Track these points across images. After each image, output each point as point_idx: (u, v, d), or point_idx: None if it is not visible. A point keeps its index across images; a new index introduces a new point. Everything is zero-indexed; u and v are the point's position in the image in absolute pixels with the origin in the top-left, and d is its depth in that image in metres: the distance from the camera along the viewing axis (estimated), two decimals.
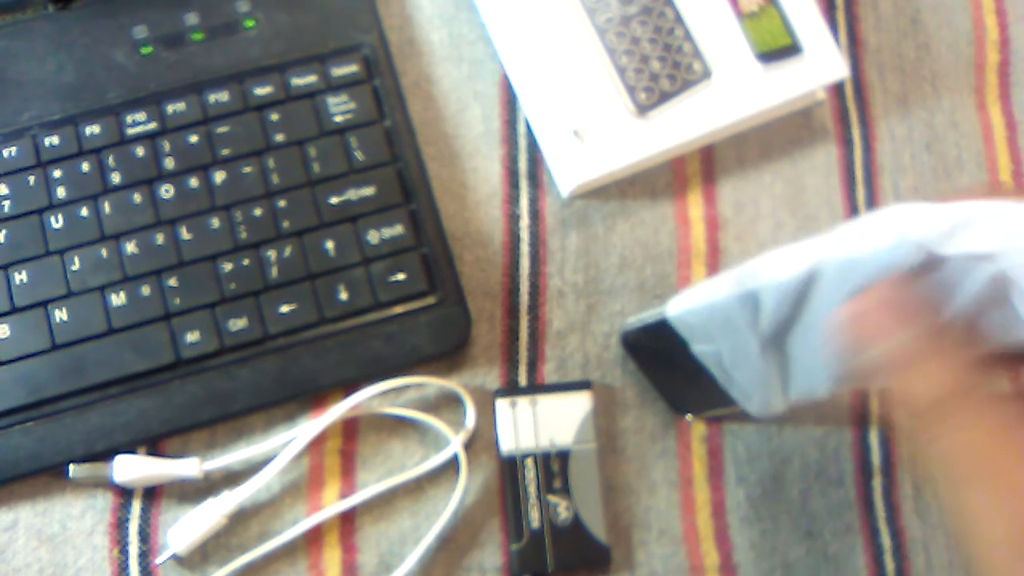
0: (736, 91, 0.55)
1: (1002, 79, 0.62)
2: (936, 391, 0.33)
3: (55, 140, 0.52)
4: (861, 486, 0.54)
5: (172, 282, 0.51)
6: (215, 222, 0.52)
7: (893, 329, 0.33)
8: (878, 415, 0.55)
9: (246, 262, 0.51)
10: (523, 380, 0.53)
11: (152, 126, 0.53)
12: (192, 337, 0.50)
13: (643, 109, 0.54)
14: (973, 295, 0.33)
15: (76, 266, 0.51)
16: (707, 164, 0.58)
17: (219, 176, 0.52)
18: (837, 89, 0.60)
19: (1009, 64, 0.62)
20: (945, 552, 0.53)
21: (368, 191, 0.53)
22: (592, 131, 0.54)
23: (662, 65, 0.55)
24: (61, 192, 0.52)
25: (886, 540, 0.53)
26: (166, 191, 0.52)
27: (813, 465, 0.54)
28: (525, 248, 0.55)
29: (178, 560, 0.49)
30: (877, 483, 0.54)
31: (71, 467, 0.49)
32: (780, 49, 0.55)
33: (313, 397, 0.52)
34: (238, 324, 0.51)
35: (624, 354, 0.54)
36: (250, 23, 0.55)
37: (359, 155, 0.53)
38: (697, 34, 0.55)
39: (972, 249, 0.33)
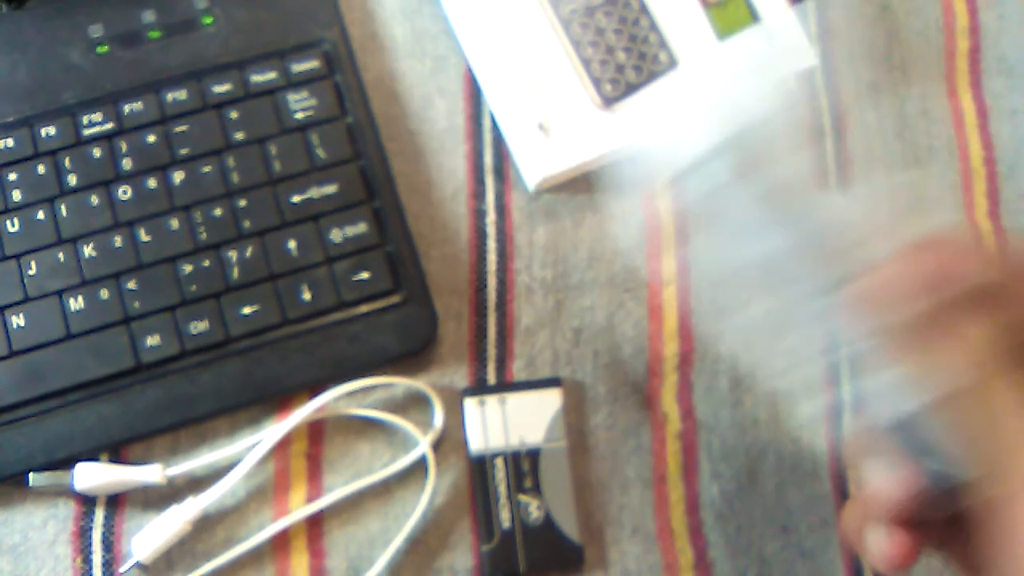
0: (703, 81, 0.54)
1: (972, 66, 0.61)
2: (976, 352, 0.32)
3: (10, 142, 0.51)
4: (836, 478, 0.53)
5: (131, 285, 0.50)
6: (174, 223, 0.51)
7: (911, 299, 0.33)
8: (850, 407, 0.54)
9: (206, 263, 0.50)
10: (492, 378, 0.52)
11: (109, 126, 0.52)
12: (152, 341, 0.49)
13: (609, 101, 0.53)
14: None
15: (33, 270, 0.50)
16: None
17: (178, 176, 0.51)
18: (807, 77, 0.59)
19: (979, 51, 0.62)
20: None
21: (330, 189, 0.52)
22: (558, 124, 0.53)
23: (628, 56, 0.54)
24: (16, 195, 0.51)
25: None
26: (124, 192, 0.51)
27: (788, 459, 0.53)
28: (492, 244, 0.54)
29: (142, 568, 0.48)
30: (852, 475, 0.53)
31: (31, 476, 0.48)
32: None
33: (278, 400, 0.51)
34: (199, 327, 0.50)
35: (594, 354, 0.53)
36: (208, 20, 0.54)
37: (321, 152, 0.52)
38: (662, 24, 0.54)
39: None
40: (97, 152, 0.51)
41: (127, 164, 0.51)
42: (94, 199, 0.51)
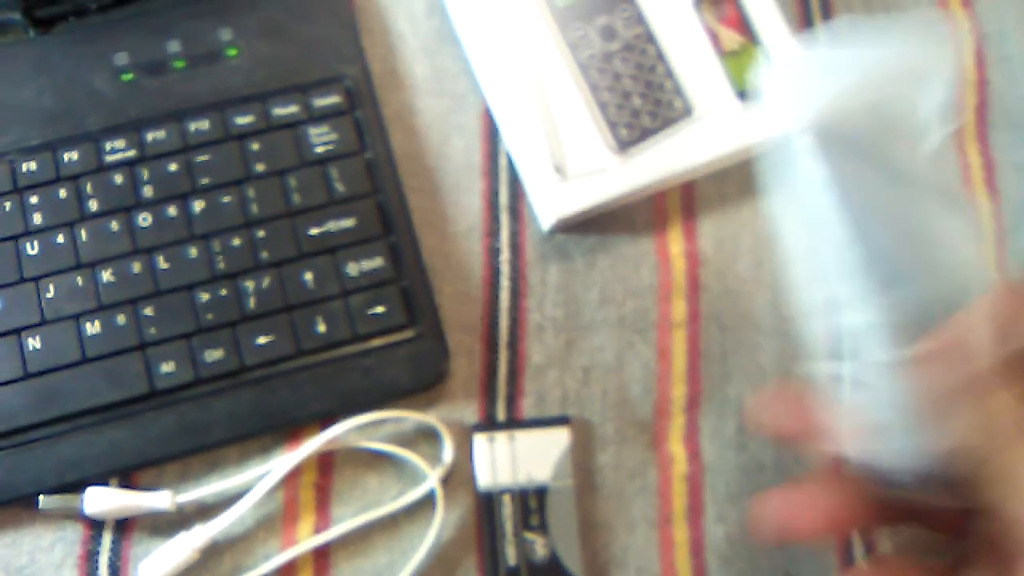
0: (717, 128, 0.55)
1: (979, 120, 0.62)
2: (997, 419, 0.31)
3: (33, 166, 0.52)
4: None
5: (148, 311, 0.50)
6: (193, 251, 0.51)
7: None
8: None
9: (223, 292, 0.51)
10: (501, 415, 0.53)
11: (131, 153, 0.53)
12: (167, 367, 0.50)
13: (624, 145, 0.54)
14: None
15: (51, 294, 0.50)
16: (688, 200, 0.58)
17: (198, 205, 0.52)
18: None
19: (986, 105, 0.63)
20: None
21: (348, 223, 0.53)
22: (573, 166, 0.54)
23: (643, 102, 0.55)
24: (37, 218, 0.51)
25: None
26: (144, 219, 0.52)
27: None
28: (505, 282, 0.55)
29: None
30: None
31: (41, 498, 0.48)
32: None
33: (289, 430, 0.51)
34: (214, 355, 0.50)
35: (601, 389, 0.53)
36: (232, 52, 0.55)
37: (339, 186, 0.53)
38: (678, 71, 0.55)
39: None
40: (119, 178, 0.52)
41: (148, 191, 0.52)
42: (114, 225, 0.51)
